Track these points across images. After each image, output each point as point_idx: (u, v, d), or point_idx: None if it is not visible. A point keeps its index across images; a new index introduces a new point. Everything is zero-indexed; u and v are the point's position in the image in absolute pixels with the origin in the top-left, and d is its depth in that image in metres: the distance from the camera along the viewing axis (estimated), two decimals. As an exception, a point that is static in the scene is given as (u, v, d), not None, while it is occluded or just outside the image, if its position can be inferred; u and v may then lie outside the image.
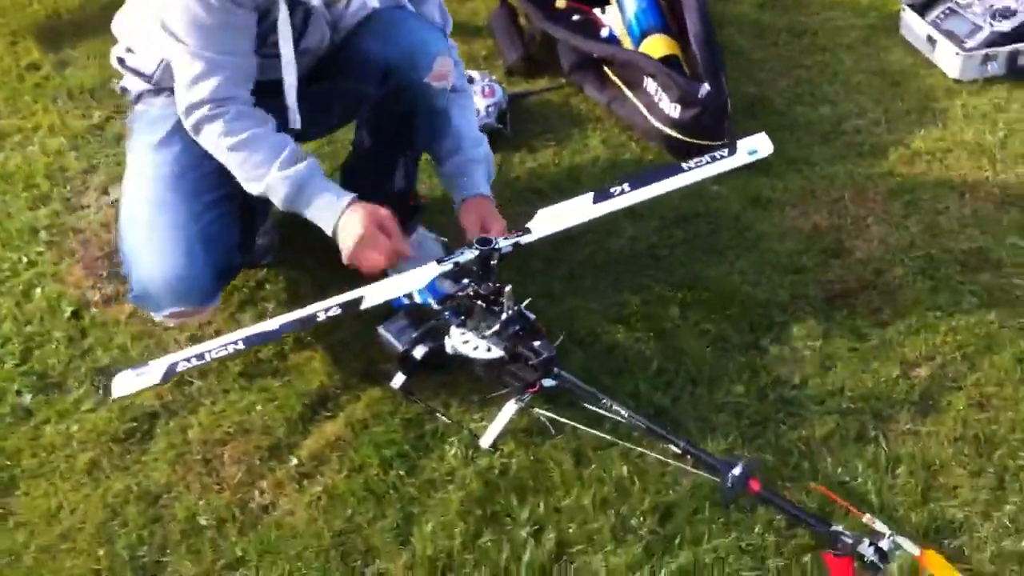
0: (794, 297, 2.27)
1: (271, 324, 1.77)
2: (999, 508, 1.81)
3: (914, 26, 3.19)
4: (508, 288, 1.83)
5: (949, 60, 3.04)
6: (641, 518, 1.80)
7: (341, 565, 1.71)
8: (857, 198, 2.59)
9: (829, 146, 2.77)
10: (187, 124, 1.86)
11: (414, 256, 1.92)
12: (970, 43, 3.02)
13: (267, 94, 1.88)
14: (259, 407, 1.97)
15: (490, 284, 1.89)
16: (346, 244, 1.86)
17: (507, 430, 1.92)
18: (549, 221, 1.96)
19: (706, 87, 2.56)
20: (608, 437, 1.88)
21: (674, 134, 2.62)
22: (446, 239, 2.32)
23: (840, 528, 1.63)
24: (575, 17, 2.96)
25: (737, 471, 1.69)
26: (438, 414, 1.97)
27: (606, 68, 2.85)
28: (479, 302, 1.89)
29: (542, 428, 1.94)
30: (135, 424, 1.94)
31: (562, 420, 1.91)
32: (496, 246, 1.88)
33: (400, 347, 2.02)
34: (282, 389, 2.01)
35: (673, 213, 2.48)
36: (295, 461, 1.88)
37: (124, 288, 2.20)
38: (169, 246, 1.84)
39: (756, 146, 2.07)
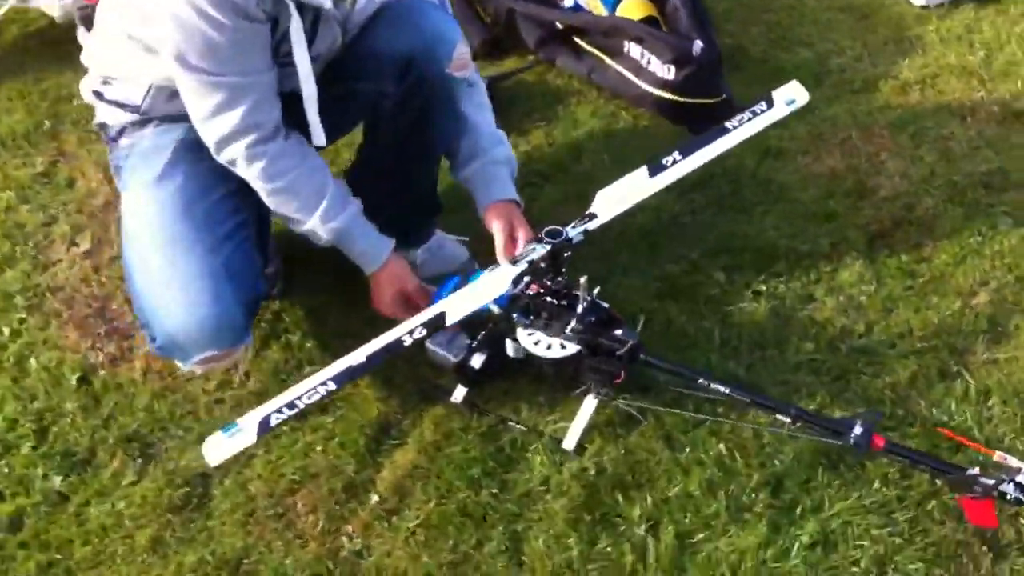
0: (834, 244, 2.30)
1: (357, 357, 1.69)
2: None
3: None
4: (584, 279, 1.80)
5: (913, -15, 3.12)
6: (753, 494, 1.80)
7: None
8: (864, 136, 2.63)
9: (821, 88, 2.81)
10: (220, 159, 1.79)
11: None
12: (931, -36, 3.11)
13: (283, 107, 1.81)
14: (319, 447, 1.90)
15: (560, 279, 1.85)
16: (381, 298, 1.99)
17: (589, 427, 1.88)
18: (612, 203, 1.93)
19: (699, 44, 2.57)
20: (699, 415, 1.87)
21: (669, 96, 2.62)
22: (467, 238, 2.27)
23: (976, 471, 1.65)
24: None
25: (858, 430, 1.70)
26: (511, 423, 1.92)
27: (577, 39, 2.83)
28: (550, 299, 1.84)
29: (623, 419, 1.91)
30: (188, 489, 1.84)
31: (647, 407, 1.89)
32: (568, 237, 1.84)
33: (452, 358, 1.97)
34: (338, 424, 1.93)
35: (689, 178, 2.46)
36: (376, 498, 1.82)
37: (128, 344, 2.11)
38: (193, 286, 1.75)
39: (792, 95, 2.09)
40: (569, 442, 1.88)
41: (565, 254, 1.86)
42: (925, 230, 2.34)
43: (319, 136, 1.82)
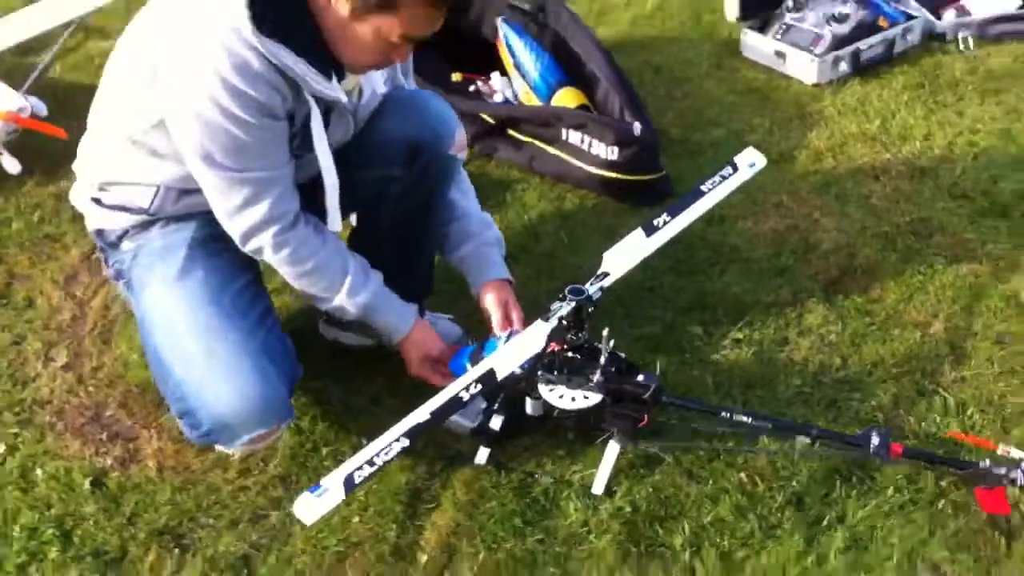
0: (794, 293, 2.59)
1: (422, 414, 1.82)
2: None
3: (759, 45, 3.71)
4: (606, 331, 2.00)
5: (805, 68, 3.56)
6: (780, 513, 2.01)
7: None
8: (793, 199, 2.97)
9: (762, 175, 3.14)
10: (246, 249, 1.94)
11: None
12: (818, 50, 3.55)
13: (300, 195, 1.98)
14: (355, 519, 2.00)
15: (582, 334, 2.05)
16: (410, 361, 2.17)
17: (615, 472, 2.06)
18: (620, 261, 2.15)
19: (638, 125, 2.88)
20: (714, 447, 2.09)
21: (613, 175, 2.91)
22: (451, 316, 2.45)
23: (988, 463, 1.92)
24: (472, 88, 3.21)
25: (876, 441, 1.94)
26: (538, 476, 2.08)
27: (512, 132, 3.09)
28: (571, 353, 2.04)
29: (644, 462, 2.10)
30: (233, 573, 1.91)
31: (667, 444, 2.09)
32: (589, 295, 2.05)
33: (470, 424, 2.13)
34: (370, 496, 2.05)
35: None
36: (425, 557, 1.93)
37: (134, 446, 2.17)
38: (238, 370, 1.87)
39: (752, 159, 2.38)
40: (598, 487, 2.05)
41: (589, 310, 2.06)
42: (870, 275, 2.66)
43: (336, 222, 1.99)
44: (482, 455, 2.11)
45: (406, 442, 1.74)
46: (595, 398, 2.03)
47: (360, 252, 2.19)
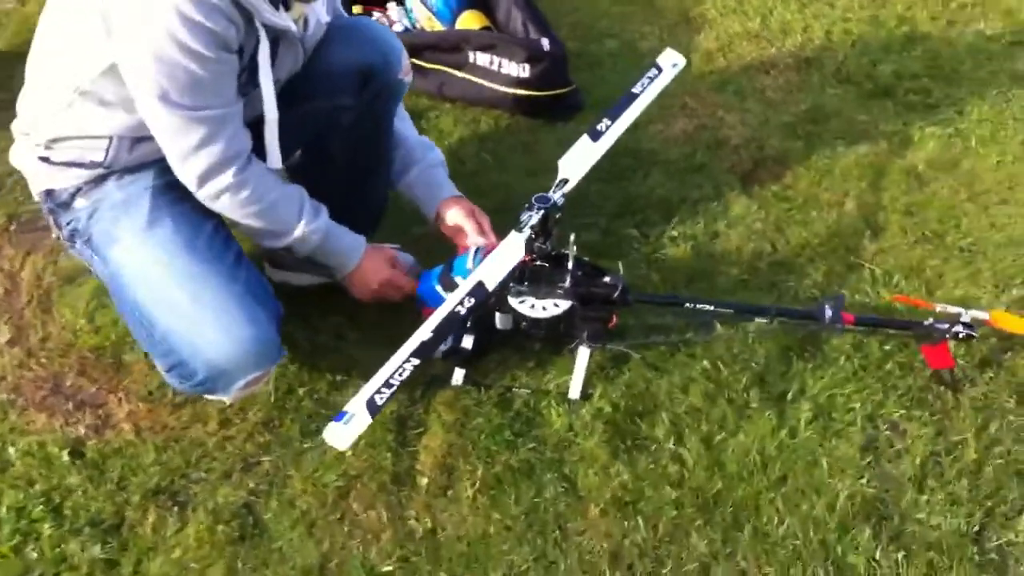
0: (715, 187, 2.67)
1: (424, 332, 1.82)
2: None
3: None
4: (573, 236, 2.02)
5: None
6: (746, 394, 2.09)
7: (560, 535, 1.84)
8: (696, 100, 3.05)
9: (640, 68, 3.15)
10: (202, 193, 1.86)
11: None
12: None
13: None
14: (349, 454, 1.99)
15: (548, 243, 2.06)
16: (368, 286, 2.12)
17: (588, 376, 2.11)
18: (575, 166, 2.17)
19: (546, 41, 2.88)
20: (673, 340, 2.17)
21: (526, 92, 2.91)
22: (399, 245, 2.43)
23: (931, 320, 2.04)
24: (375, 17, 3.14)
25: (829, 312, 2.04)
26: (516, 390, 2.11)
27: (416, 60, 3.05)
28: (539, 262, 2.06)
29: (612, 362, 2.16)
30: (240, 520, 1.89)
31: (631, 343, 2.16)
32: (555, 201, 2.06)
33: (442, 347, 2.14)
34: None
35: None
36: (425, 480, 1.95)
37: (103, 412, 2.10)
38: (228, 313, 1.83)
39: (674, 60, 2.42)
40: (575, 392, 2.09)
41: (557, 216, 2.07)
42: (781, 164, 2.76)
43: (276, 159, 1.94)
44: (458, 376, 2.12)
45: (416, 361, 1.74)
46: (565, 305, 2.06)
47: (308, 188, 2.12)
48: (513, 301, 2.07)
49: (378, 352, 1.89)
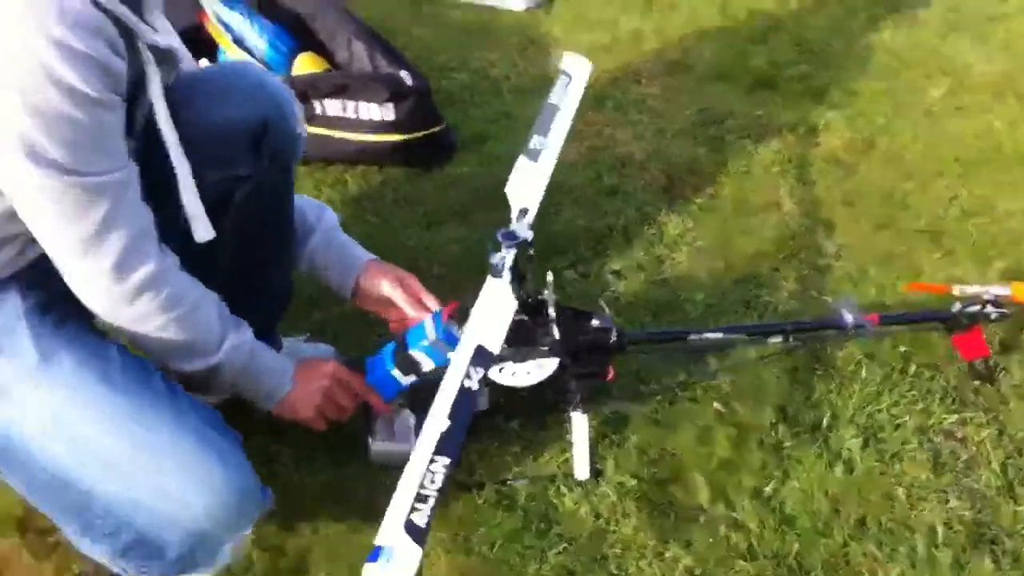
0: (639, 208, 2.39)
1: (439, 421, 1.38)
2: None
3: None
4: (549, 276, 1.66)
5: (515, -2, 3.35)
6: (773, 433, 1.81)
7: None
8: (579, 121, 2.73)
9: (502, 96, 2.91)
10: (114, 296, 1.35)
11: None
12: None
13: None
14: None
15: (524, 290, 1.70)
16: (312, 402, 1.61)
17: (592, 447, 1.76)
18: (527, 191, 1.81)
19: (406, 74, 2.52)
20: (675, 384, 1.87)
21: (392, 138, 2.53)
22: (308, 334, 2.01)
23: (959, 306, 1.81)
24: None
25: (850, 317, 1.78)
26: (511, 482, 1.73)
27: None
28: (523, 316, 1.68)
29: (609, 424, 1.82)
30: None
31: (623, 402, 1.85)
32: (524, 238, 1.69)
33: (410, 448, 1.72)
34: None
35: (472, 208, 2.43)
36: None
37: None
38: (190, 455, 1.35)
39: (576, 62, 2.09)
40: (581, 471, 1.73)
41: (530, 254, 1.70)
42: (695, 173, 2.52)
43: (204, 228, 1.47)
44: (436, 481, 1.70)
45: (446, 460, 1.32)
46: (551, 364, 1.70)
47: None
48: (492, 373, 1.69)
49: (342, 471, 1.57)
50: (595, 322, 1.73)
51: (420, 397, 1.61)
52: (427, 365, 1.67)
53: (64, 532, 1.42)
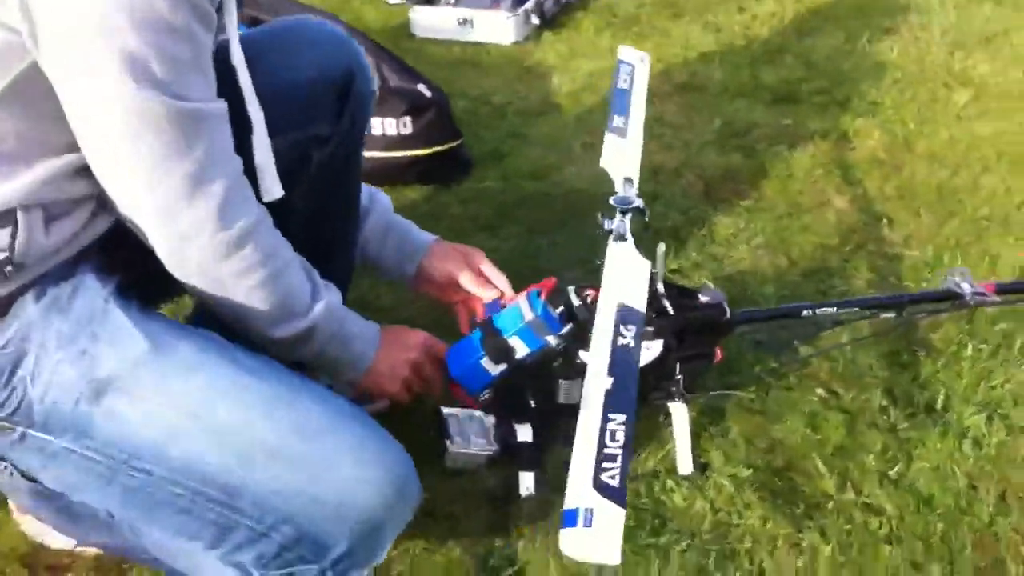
0: (684, 211, 2.26)
1: (600, 384, 1.18)
2: None
3: (437, 20, 3.35)
4: (661, 248, 1.52)
5: (500, 28, 3.26)
6: (887, 416, 1.68)
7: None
8: (595, 137, 2.61)
9: (506, 119, 2.78)
10: (216, 247, 1.16)
11: None
12: (506, 7, 3.27)
13: None
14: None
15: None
16: (398, 373, 1.43)
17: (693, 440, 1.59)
18: (624, 160, 1.71)
19: (423, 86, 2.40)
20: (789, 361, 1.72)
21: (409, 153, 2.39)
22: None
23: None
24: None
25: (967, 286, 1.66)
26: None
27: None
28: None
29: (704, 414, 1.67)
30: None
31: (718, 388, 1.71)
32: (636, 203, 1.55)
33: (488, 448, 1.53)
34: None
35: (465, 227, 2.29)
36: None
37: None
38: (356, 438, 1.17)
39: (632, 52, 2.00)
40: (685, 465, 1.57)
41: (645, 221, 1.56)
42: (734, 180, 2.42)
43: (273, 186, 1.30)
44: (527, 482, 1.51)
45: (622, 416, 1.14)
46: (656, 347, 1.53)
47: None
48: (585, 356, 1.51)
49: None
50: (703, 298, 1.58)
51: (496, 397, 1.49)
52: (521, 351, 1.48)
53: (171, 561, 1.24)
